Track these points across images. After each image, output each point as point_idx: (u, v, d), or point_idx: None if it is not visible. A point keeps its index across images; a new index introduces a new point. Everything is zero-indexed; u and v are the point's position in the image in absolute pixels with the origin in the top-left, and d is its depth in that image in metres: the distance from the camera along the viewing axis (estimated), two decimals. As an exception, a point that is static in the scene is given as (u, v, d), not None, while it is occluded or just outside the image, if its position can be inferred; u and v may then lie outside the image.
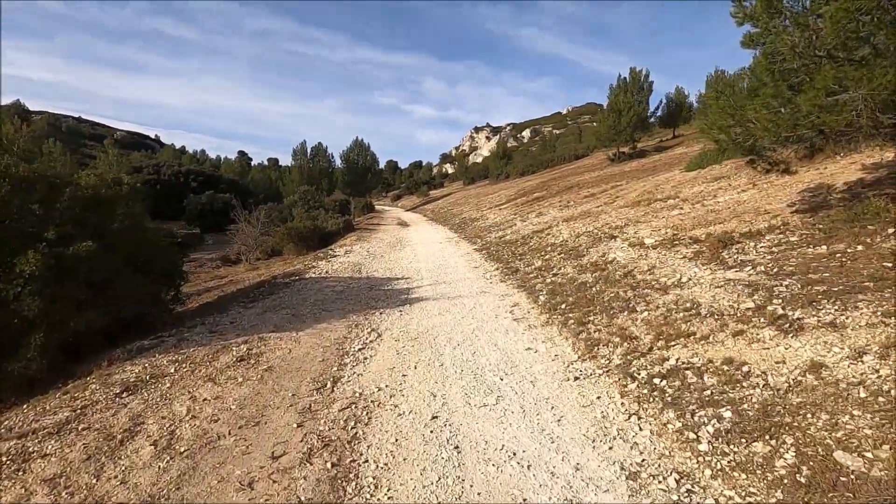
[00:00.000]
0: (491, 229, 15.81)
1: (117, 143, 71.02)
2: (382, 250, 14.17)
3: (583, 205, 14.20)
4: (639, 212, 10.20)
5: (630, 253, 7.26)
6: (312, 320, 6.50)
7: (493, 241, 13.40)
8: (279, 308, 7.23)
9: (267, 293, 8.46)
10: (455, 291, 8.07)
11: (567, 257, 8.57)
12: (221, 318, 6.85)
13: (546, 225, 12.62)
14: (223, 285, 13.16)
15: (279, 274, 11.07)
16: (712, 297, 5.01)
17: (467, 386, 4.27)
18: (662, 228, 7.86)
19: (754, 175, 10.01)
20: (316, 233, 19.53)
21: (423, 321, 6.38)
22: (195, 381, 4.44)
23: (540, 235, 11.48)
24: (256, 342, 5.52)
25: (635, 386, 3.94)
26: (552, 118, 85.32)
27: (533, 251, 10.23)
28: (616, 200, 12.87)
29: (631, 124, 23.57)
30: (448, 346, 5.36)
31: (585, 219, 11.51)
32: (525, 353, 5.06)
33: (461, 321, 6.30)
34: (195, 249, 25.94)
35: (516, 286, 8.03)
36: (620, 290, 6.07)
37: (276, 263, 17.58)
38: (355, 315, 6.77)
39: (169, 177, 37.54)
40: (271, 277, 10.58)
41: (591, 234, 9.33)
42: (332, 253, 13.84)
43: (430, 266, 10.79)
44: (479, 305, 7.07)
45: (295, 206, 24.34)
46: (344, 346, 5.47)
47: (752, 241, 6.10)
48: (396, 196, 61.95)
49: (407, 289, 8.50)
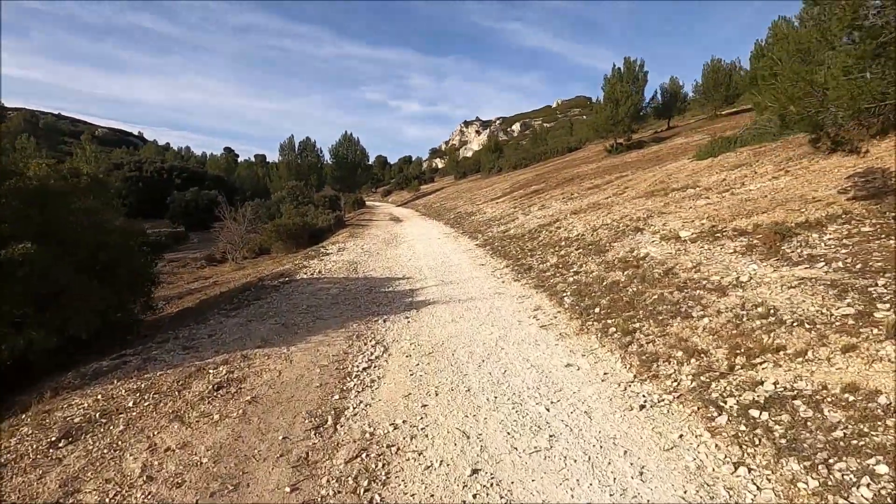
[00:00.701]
0: (491, 223, 14.88)
1: (98, 140, 68.83)
2: (378, 247, 13.17)
3: (589, 196, 13.33)
4: (657, 202, 9.34)
5: (665, 247, 6.38)
6: (306, 332, 5.51)
7: (497, 235, 12.47)
8: (266, 316, 6.22)
9: (253, 298, 7.43)
10: (465, 293, 7.13)
11: (587, 253, 7.67)
12: (199, 329, 5.82)
13: (553, 218, 11.72)
14: (206, 287, 12.10)
15: (267, 275, 10.02)
16: (788, 300, 4.13)
17: (507, 420, 3.33)
18: (695, 220, 6.99)
19: (781, 161, 9.21)
20: (306, 230, 18.46)
21: (435, 330, 5.43)
22: (158, 420, 3.44)
23: (549, 229, 10.58)
24: (239, 362, 4.52)
25: (726, 420, 3.04)
26: (542, 112, 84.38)
27: (544, 246, 9.31)
28: (626, 191, 12.01)
29: (629, 114, 22.77)
30: (471, 362, 4.41)
31: (596, 211, 10.63)
32: (566, 370, 4.14)
33: (479, 329, 5.36)
34: (179, 248, 24.70)
35: (534, 286, 7.11)
36: (665, 292, 5.17)
37: (264, 262, 16.50)
38: (355, 324, 5.79)
39: (151, 173, 36.02)
40: (258, 279, 9.54)
41: (610, 227, 8.43)
42: (325, 251, 12.81)
43: (433, 264, 9.83)
44: (495, 309, 6.14)
45: (283, 203, 23.18)
46: (345, 364, 4.50)
47: (813, 233, 5.24)
48: (386, 191, 60.69)
49: (411, 290, 7.54)
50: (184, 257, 20.62)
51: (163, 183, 35.77)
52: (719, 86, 24.50)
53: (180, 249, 24.16)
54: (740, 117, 22.26)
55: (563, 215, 11.57)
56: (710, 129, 21.69)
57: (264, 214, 23.30)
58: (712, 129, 21.10)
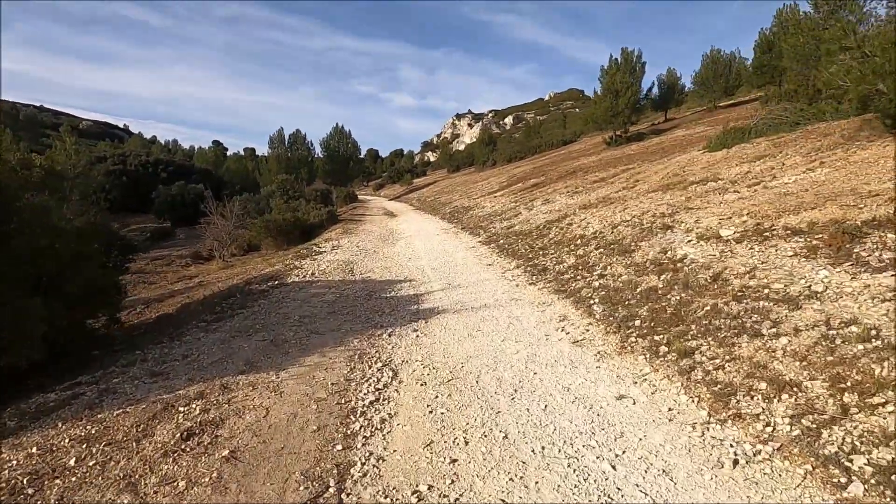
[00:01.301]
0: (492, 219, 14.06)
1: (82, 133, 66.75)
2: (374, 245, 12.30)
3: (596, 190, 12.55)
4: (677, 196, 8.57)
5: (705, 248, 5.61)
6: (299, 350, 4.66)
7: (500, 232, 11.66)
8: (253, 330, 5.35)
9: (238, 306, 6.54)
10: (476, 299, 6.32)
11: (610, 253, 6.88)
12: (173, 347, 4.94)
13: (560, 213, 10.93)
14: (191, 289, 11.17)
15: (255, 276, 9.12)
16: (886, 316, 3.37)
17: (565, 486, 2.52)
18: (732, 216, 6.23)
19: (809, 152, 8.49)
20: (297, 225, 17.51)
21: (450, 348, 4.61)
22: (103, 490, 2.59)
23: (559, 226, 9.79)
24: (216, 395, 3.66)
25: (862, 490, 2.27)
26: (534, 104, 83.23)
27: (557, 245, 8.52)
28: (637, 184, 11.25)
29: (629, 105, 22.01)
30: (501, 393, 3.60)
31: (609, 206, 9.85)
32: (619, 405, 3.35)
33: (502, 347, 4.55)
34: (164, 244, 23.58)
35: (553, 291, 6.32)
36: (719, 302, 4.40)
37: (252, 260, 15.56)
38: (357, 339, 4.95)
39: (136, 167, 34.64)
40: (245, 281, 8.64)
41: (631, 223, 7.65)
42: (318, 249, 11.91)
43: (436, 264, 9.00)
44: (516, 320, 5.33)
45: (273, 197, 22.16)
46: (347, 396, 3.67)
47: (889, 232, 4.50)
48: (378, 185, 59.56)
49: (415, 296, 6.71)
50: (168, 255, 19.58)
51: (148, 177, 34.41)
52: (719, 77, 23.81)
53: (165, 246, 23.05)
54: (742, 109, 21.62)
55: (572, 210, 10.78)
56: (712, 120, 21.03)
57: (253, 209, 22.26)
58: (714, 121, 20.43)
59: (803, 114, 11.70)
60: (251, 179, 44.46)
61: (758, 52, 18.34)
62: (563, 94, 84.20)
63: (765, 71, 18.03)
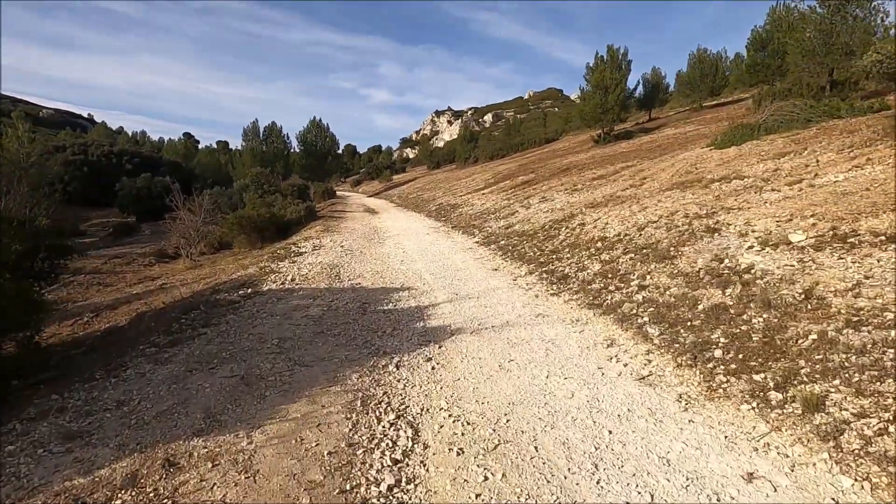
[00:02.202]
0: (486, 217, 12.95)
1: (42, 122, 62.82)
2: (360, 244, 11.02)
3: (599, 188, 11.59)
4: (701, 195, 7.64)
5: (776, 257, 4.62)
6: (279, 392, 3.43)
7: (499, 232, 10.56)
8: (218, 360, 4.07)
9: (201, 322, 5.21)
10: (494, 314, 5.18)
11: (644, 259, 5.85)
12: (107, 387, 3.62)
13: (566, 213, 9.90)
14: (151, 293, 9.69)
15: (225, 282, 7.75)
16: None
17: None
18: (794, 218, 5.27)
19: (843, 148, 7.67)
20: (273, 222, 16.03)
21: (481, 387, 3.46)
22: None
23: (568, 226, 8.74)
24: (157, 478, 2.42)
25: None
26: (514, 103, 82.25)
27: (572, 247, 7.46)
28: (645, 182, 10.32)
29: (619, 102, 21.25)
30: (577, 472, 2.47)
31: (621, 205, 8.86)
32: (755, 491, 2.27)
33: (549, 385, 3.43)
34: (127, 240, 21.64)
35: (585, 305, 5.24)
36: (827, 329, 3.38)
37: (223, 260, 14.05)
38: (355, 372, 3.74)
39: (99, 157, 32.15)
40: (212, 289, 7.27)
41: (661, 225, 6.64)
42: (297, 248, 10.55)
43: (434, 268, 7.82)
44: (552, 345, 4.22)
45: (246, 191, 20.51)
46: (353, 477, 2.48)
47: None
48: (356, 181, 57.70)
49: (418, 309, 5.52)
50: (130, 252, 17.77)
51: (112, 168, 31.99)
52: (705, 77, 23.31)
53: (128, 242, 21.09)
54: (729, 108, 21.12)
55: (578, 209, 9.76)
56: (701, 119, 20.46)
57: (225, 204, 20.57)
58: (703, 120, 19.86)
59: (814, 110, 10.99)
60: (224, 173, 42.20)
61: (751, 51, 17.77)
62: (542, 93, 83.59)
63: (758, 69, 17.46)
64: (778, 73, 17.23)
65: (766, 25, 17.61)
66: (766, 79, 17.69)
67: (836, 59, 12.04)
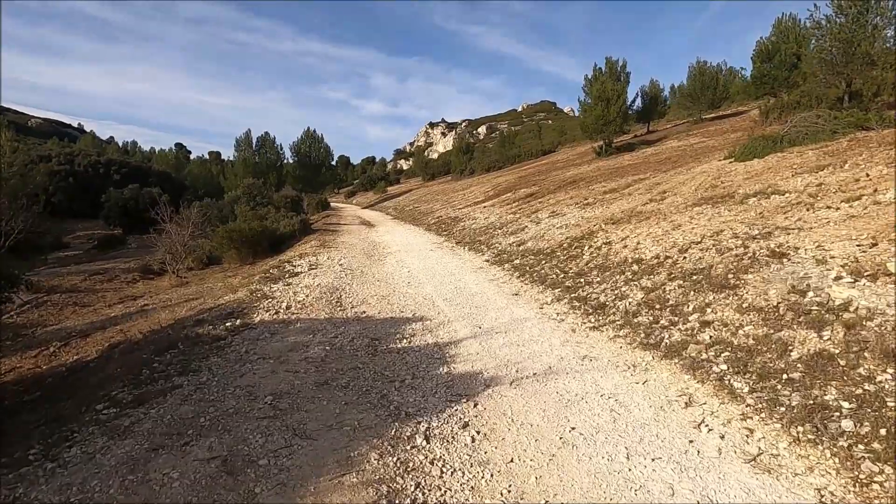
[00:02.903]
0: (493, 233, 12.12)
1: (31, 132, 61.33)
2: (360, 262, 10.11)
3: (614, 202, 10.82)
4: (740, 212, 6.86)
5: (878, 291, 3.79)
6: (273, 488, 2.48)
7: (510, 249, 9.72)
8: (194, 430, 3.12)
9: (178, 368, 4.25)
10: (530, 356, 4.30)
11: (696, 287, 5.01)
12: (37, 479, 2.67)
13: (584, 229, 9.08)
14: (131, 315, 8.69)
15: (210, 309, 6.78)
16: None
17: None
18: (879, 242, 4.49)
19: (891, 161, 6.97)
20: (265, 236, 15.05)
21: (546, 478, 2.55)
22: None
23: (590, 244, 7.91)
24: None
25: None
26: (507, 115, 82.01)
27: (601, 270, 6.62)
28: (666, 197, 9.55)
29: (621, 114, 20.68)
30: None
31: (645, 221, 8.07)
32: None
33: (636, 475, 2.54)
34: (111, 254, 20.47)
35: (639, 345, 4.37)
36: None
37: (212, 276, 13.04)
38: (374, 450, 2.83)
39: (86, 167, 30.97)
40: (195, 319, 6.29)
41: (708, 247, 5.81)
42: (292, 267, 9.59)
43: (445, 292, 6.93)
44: (619, 405, 3.33)
45: (238, 203, 19.51)
46: None
47: None
48: (350, 193, 56.77)
49: (437, 348, 4.62)
50: (113, 267, 16.64)
51: (99, 179, 30.82)
52: (706, 89, 22.87)
53: (113, 256, 19.93)
54: (733, 120, 20.64)
55: (597, 225, 8.95)
56: (704, 132, 19.91)
57: (215, 216, 19.55)
58: (707, 132, 19.31)
59: (839, 122, 10.37)
60: (216, 184, 41.09)
61: (757, 62, 17.29)
62: (535, 105, 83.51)
63: (765, 81, 16.97)
64: (785, 84, 16.74)
65: (772, 37, 17.16)
66: (772, 90, 17.19)
67: (857, 68, 11.48)
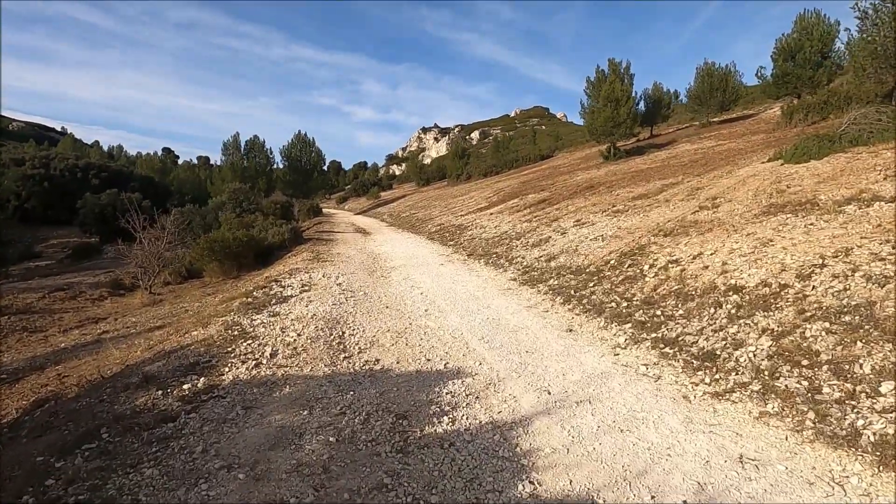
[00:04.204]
0: (509, 244, 10.51)
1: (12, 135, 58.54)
2: (361, 280, 8.41)
3: (651, 209, 9.27)
4: (855, 226, 5.34)
5: None
6: None
7: (539, 265, 8.11)
8: None
9: (94, 482, 2.56)
10: (651, 460, 2.67)
11: (864, 337, 3.44)
12: None
13: (629, 242, 7.51)
14: (84, 347, 6.93)
15: (169, 353, 5.03)
16: None
17: None
18: None
19: None
20: (251, 246, 13.26)
21: None
22: None
23: (648, 262, 6.32)
24: None
25: None
26: (500, 120, 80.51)
27: (682, 299, 5.02)
28: (720, 203, 8.02)
29: (631, 115, 19.28)
30: None
31: (711, 233, 6.52)
32: None
33: None
34: (83, 265, 18.45)
35: (820, 438, 2.77)
36: None
37: (190, 293, 11.23)
38: None
39: (62, 171, 28.80)
40: (149, 363, 4.54)
41: (846, 273, 4.25)
42: (280, 290, 7.84)
43: (477, 325, 5.27)
44: None
45: (223, 209, 17.66)
46: None
47: None
48: (342, 198, 54.84)
49: (495, 434, 2.97)
50: (80, 282, 14.67)
51: (76, 183, 28.68)
52: (715, 91, 21.61)
53: (84, 268, 17.91)
54: (748, 122, 19.35)
55: (644, 237, 7.39)
56: (717, 135, 18.56)
57: (198, 224, 17.66)
58: (722, 135, 17.96)
59: (903, 119, 8.98)
60: (203, 189, 39.00)
61: (779, 60, 15.98)
62: (528, 111, 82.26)
63: (788, 80, 15.66)
64: (808, 83, 15.46)
65: (794, 34, 15.87)
66: (795, 90, 15.90)
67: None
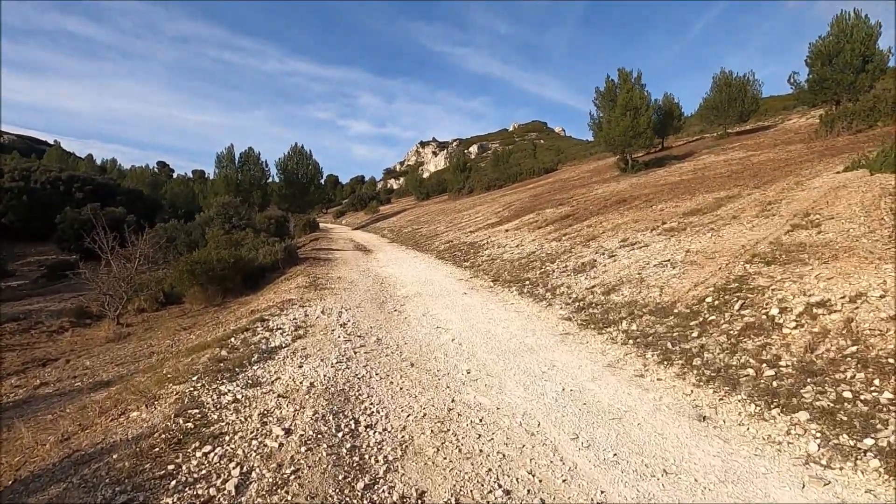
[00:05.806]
0: (542, 268, 8.71)
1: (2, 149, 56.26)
2: (370, 318, 6.53)
3: (720, 229, 7.53)
4: None
5: None
6: None
7: (596, 300, 6.31)
8: None
9: None
10: None
11: None
12: None
13: (716, 272, 5.74)
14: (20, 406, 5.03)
15: (91, 459, 3.15)
16: None
17: None
18: None
19: None
20: (239, 268, 11.37)
21: None
22: None
23: (777, 303, 4.54)
24: None
25: None
26: (498, 134, 79.35)
27: (878, 369, 3.25)
28: (819, 222, 6.31)
29: (651, 124, 17.75)
30: None
31: (843, 262, 4.79)
32: None
33: None
34: (51, 289, 16.37)
35: None
36: None
37: (164, 324, 9.27)
38: None
39: (43, 184, 26.74)
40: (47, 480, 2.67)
41: None
42: (267, 335, 5.92)
43: (549, 403, 3.44)
44: None
45: (210, 225, 15.74)
46: None
47: None
48: (339, 213, 52.95)
49: None
50: (42, 309, 12.65)
51: (58, 197, 26.65)
52: (734, 101, 20.20)
53: (51, 291, 15.83)
54: (774, 133, 17.87)
55: (736, 265, 5.63)
56: (740, 146, 17.00)
57: (182, 242, 15.72)
58: (747, 146, 16.40)
59: None
60: (197, 203, 37.02)
61: (816, 65, 14.53)
62: (527, 125, 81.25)
63: (827, 86, 14.19)
64: (849, 89, 13.99)
65: (830, 36, 14.43)
66: (834, 96, 14.41)
67: None
